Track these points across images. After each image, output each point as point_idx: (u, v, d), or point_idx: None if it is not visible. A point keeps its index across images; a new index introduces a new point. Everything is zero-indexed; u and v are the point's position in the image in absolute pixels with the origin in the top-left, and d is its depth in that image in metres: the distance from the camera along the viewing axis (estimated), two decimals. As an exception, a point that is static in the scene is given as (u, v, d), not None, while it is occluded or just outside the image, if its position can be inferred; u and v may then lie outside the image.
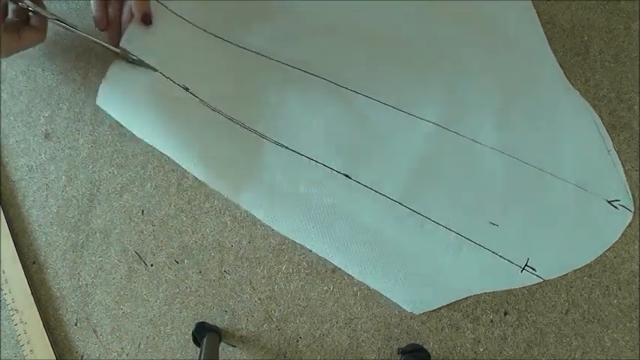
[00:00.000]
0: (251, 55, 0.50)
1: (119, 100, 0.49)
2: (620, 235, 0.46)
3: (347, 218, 0.46)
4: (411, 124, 0.48)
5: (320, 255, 0.46)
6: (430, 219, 0.46)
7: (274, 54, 0.50)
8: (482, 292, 0.45)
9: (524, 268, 0.45)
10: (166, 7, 0.50)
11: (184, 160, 0.48)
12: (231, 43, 0.51)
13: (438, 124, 0.48)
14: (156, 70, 0.48)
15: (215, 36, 0.51)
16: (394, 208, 0.46)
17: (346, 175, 0.47)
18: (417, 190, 0.47)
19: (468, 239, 0.46)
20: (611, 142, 0.48)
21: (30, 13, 0.47)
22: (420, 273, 0.45)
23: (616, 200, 0.46)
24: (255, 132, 0.48)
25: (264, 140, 0.48)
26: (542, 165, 0.47)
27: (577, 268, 0.45)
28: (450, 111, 0.49)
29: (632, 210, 0.46)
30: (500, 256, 0.45)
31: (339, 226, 0.46)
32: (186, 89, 0.49)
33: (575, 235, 0.46)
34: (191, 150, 0.48)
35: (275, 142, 0.48)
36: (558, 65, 0.50)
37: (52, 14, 0.47)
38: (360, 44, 0.51)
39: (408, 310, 0.45)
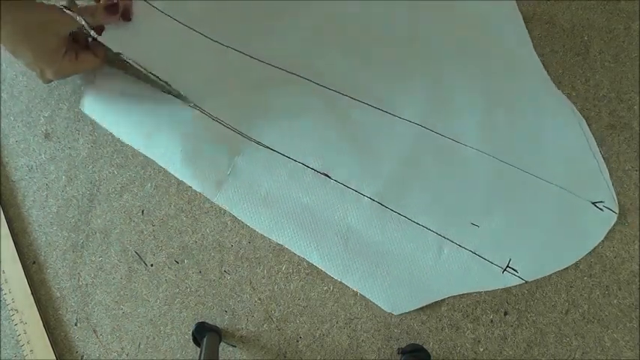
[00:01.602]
0: (235, 53, 0.50)
1: (105, 106, 0.50)
2: (603, 237, 0.46)
3: (326, 218, 0.46)
4: (394, 124, 0.48)
5: (299, 254, 0.46)
6: (411, 219, 0.46)
7: (258, 54, 0.50)
8: (463, 292, 0.45)
9: (505, 269, 0.45)
10: (150, 5, 0.50)
11: (165, 160, 0.49)
12: (214, 40, 0.51)
13: (420, 125, 0.48)
14: (143, 68, 0.49)
15: (199, 34, 0.51)
16: (374, 209, 0.46)
17: (326, 175, 0.47)
18: (398, 191, 0.47)
19: (448, 240, 0.46)
20: (596, 145, 0.48)
21: (89, 38, 0.47)
22: (400, 273, 0.45)
23: (600, 202, 0.46)
24: (237, 131, 0.49)
25: (245, 139, 0.48)
26: (525, 166, 0.47)
27: (559, 269, 0.45)
28: (433, 112, 0.49)
29: (617, 212, 0.46)
30: (481, 257, 0.45)
31: (317, 226, 0.46)
32: (170, 92, 0.49)
33: (558, 237, 0.46)
34: (172, 149, 0.48)
35: (255, 142, 0.48)
36: (542, 67, 0.50)
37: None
38: (343, 44, 0.51)
39: (388, 310, 0.45)
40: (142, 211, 0.49)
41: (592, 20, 0.51)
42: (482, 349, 0.45)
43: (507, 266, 0.45)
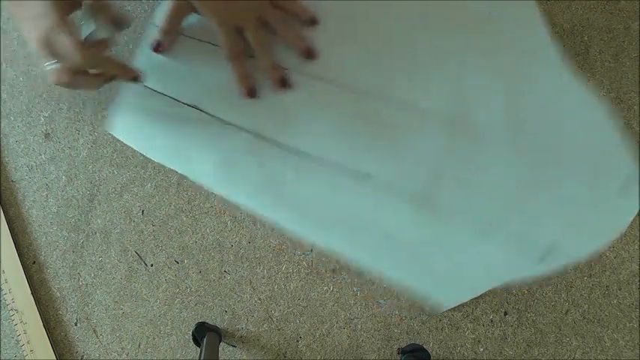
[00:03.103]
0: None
1: (131, 126, 0.49)
2: (635, 215, 0.46)
3: (371, 220, 0.46)
4: (424, 120, 0.49)
5: (346, 258, 0.46)
6: (450, 214, 0.46)
7: (282, 60, 0.50)
8: (510, 280, 0.45)
9: (546, 255, 0.45)
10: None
11: (198, 175, 0.48)
12: None
13: (449, 119, 0.49)
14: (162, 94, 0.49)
15: (216, 46, 0.51)
16: (414, 206, 0.47)
17: (364, 177, 0.47)
18: (435, 186, 0.47)
19: (489, 231, 0.46)
20: (620, 131, 0.48)
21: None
22: (446, 269, 0.45)
23: (630, 181, 0.47)
24: (269, 140, 0.49)
25: (275, 147, 0.48)
26: (554, 155, 0.47)
27: (598, 249, 0.45)
28: (459, 104, 0.49)
29: None
30: (522, 245, 0.45)
31: (361, 229, 0.46)
32: (195, 107, 0.49)
33: (593, 217, 0.46)
34: (204, 163, 0.48)
35: (288, 148, 0.48)
36: (560, 54, 0.50)
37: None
38: (366, 43, 0.51)
39: (437, 305, 0.45)
40: (142, 211, 0.49)
41: (592, 20, 0.51)
42: (482, 349, 0.45)
43: (548, 252, 0.45)
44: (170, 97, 0.50)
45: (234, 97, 0.49)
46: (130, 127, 0.49)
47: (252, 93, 0.48)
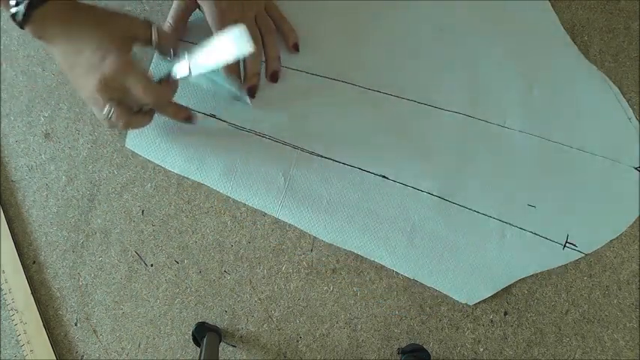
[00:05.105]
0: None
1: (150, 140, 0.49)
2: None
3: (389, 219, 0.47)
4: (441, 118, 0.49)
5: (369, 258, 0.46)
6: (470, 209, 0.47)
7: (294, 64, 0.50)
8: (530, 274, 0.45)
9: (565, 245, 0.46)
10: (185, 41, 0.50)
11: (220, 184, 0.48)
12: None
13: (465, 114, 0.49)
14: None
15: None
16: (434, 203, 0.47)
17: (383, 177, 0.47)
18: (454, 182, 0.47)
19: (509, 224, 0.46)
20: (631, 111, 0.49)
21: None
22: (467, 263, 0.46)
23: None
24: (287, 144, 0.49)
25: (297, 151, 0.48)
26: (569, 141, 0.48)
27: (614, 238, 0.46)
28: (475, 100, 0.49)
29: None
30: (542, 237, 0.46)
31: (382, 228, 0.47)
32: (213, 116, 0.49)
33: (608, 205, 0.47)
34: (227, 171, 0.48)
35: (308, 152, 0.48)
36: (572, 41, 0.50)
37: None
38: (380, 44, 0.51)
39: (462, 301, 0.45)
40: (142, 211, 0.49)
41: (592, 20, 0.51)
42: (482, 349, 0.45)
43: (566, 242, 0.46)
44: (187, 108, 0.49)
45: (250, 104, 0.49)
46: (148, 140, 0.50)
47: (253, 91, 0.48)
